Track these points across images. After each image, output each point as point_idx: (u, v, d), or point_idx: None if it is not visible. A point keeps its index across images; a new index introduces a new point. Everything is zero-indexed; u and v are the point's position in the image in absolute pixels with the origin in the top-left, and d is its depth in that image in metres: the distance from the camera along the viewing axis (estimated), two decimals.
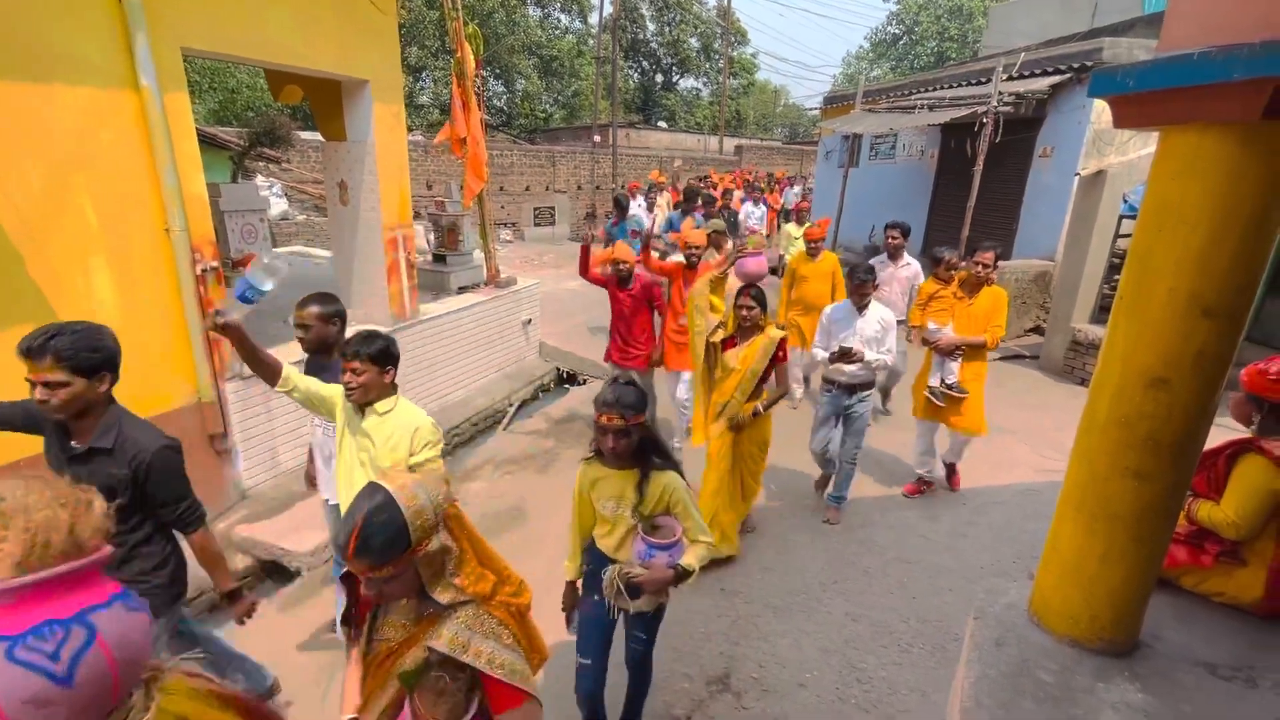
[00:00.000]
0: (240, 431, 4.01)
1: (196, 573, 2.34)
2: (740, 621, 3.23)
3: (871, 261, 4.78)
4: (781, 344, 3.35)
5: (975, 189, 7.47)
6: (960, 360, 4.12)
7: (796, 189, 16.61)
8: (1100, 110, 7.49)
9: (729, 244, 5.49)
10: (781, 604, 3.36)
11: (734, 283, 4.00)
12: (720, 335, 3.52)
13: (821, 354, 3.88)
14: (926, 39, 32.23)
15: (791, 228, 7.82)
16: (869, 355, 3.70)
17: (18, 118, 2.89)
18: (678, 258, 5.10)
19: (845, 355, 3.61)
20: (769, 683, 2.86)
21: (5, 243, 2.90)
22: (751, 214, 10.81)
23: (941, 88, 9.65)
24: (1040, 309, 8.16)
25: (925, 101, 9.08)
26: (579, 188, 18.34)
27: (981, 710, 1.86)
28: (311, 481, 3.15)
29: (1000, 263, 7.96)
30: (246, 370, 4.01)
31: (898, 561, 3.72)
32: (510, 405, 6.13)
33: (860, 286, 3.79)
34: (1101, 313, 6.89)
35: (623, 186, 15.66)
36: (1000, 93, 7.25)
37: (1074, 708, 1.83)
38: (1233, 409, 2.27)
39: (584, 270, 4.61)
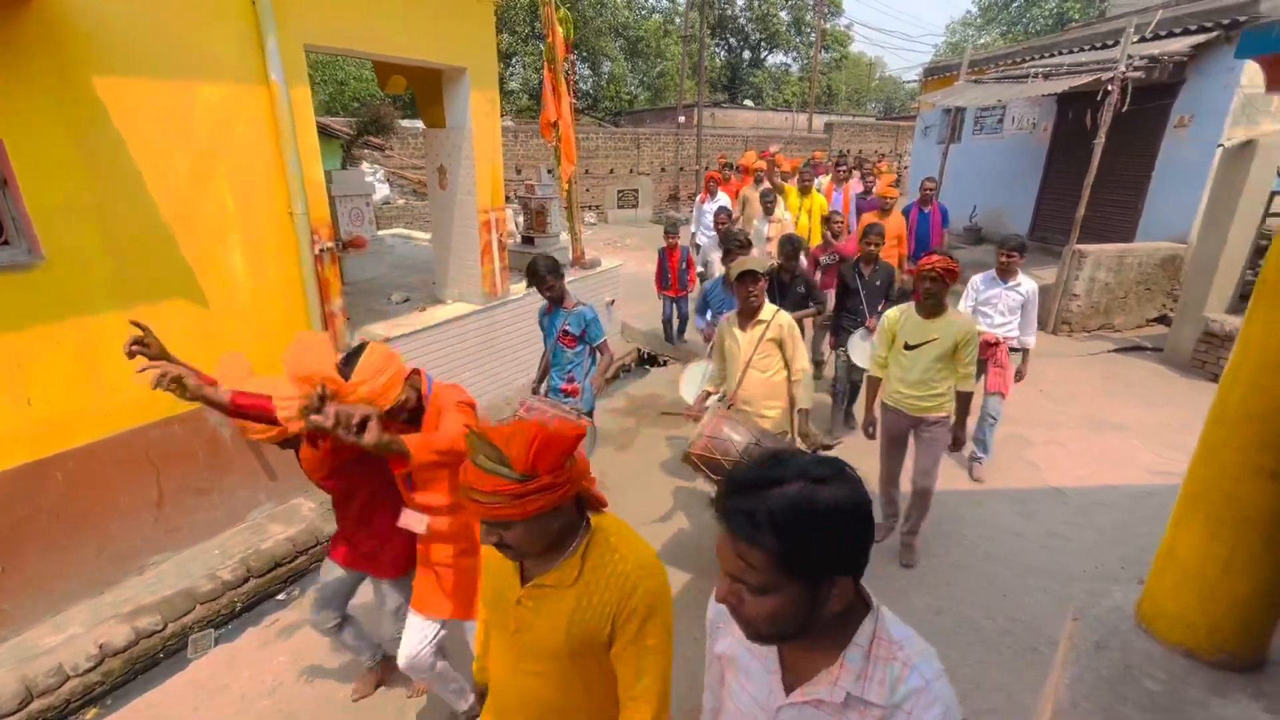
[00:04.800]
0: None
1: None
2: None
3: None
4: None
5: (1095, 164, 6.83)
6: None
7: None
8: (1255, 72, 6.62)
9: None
10: None
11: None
12: None
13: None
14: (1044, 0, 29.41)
15: (893, 320, 3.25)
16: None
17: (169, 113, 3.25)
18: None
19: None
20: None
21: (162, 225, 3.29)
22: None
23: (1060, 53, 8.85)
24: (1167, 296, 7.41)
25: (1040, 70, 8.35)
26: (663, 170, 18.31)
27: (1077, 712, 1.77)
28: None
29: (1120, 245, 7.33)
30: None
31: (988, 558, 3.56)
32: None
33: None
34: (1241, 301, 6.16)
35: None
36: (1131, 56, 6.55)
37: None
38: None
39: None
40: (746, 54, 33.01)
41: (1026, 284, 4.09)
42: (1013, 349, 4.21)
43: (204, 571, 3.48)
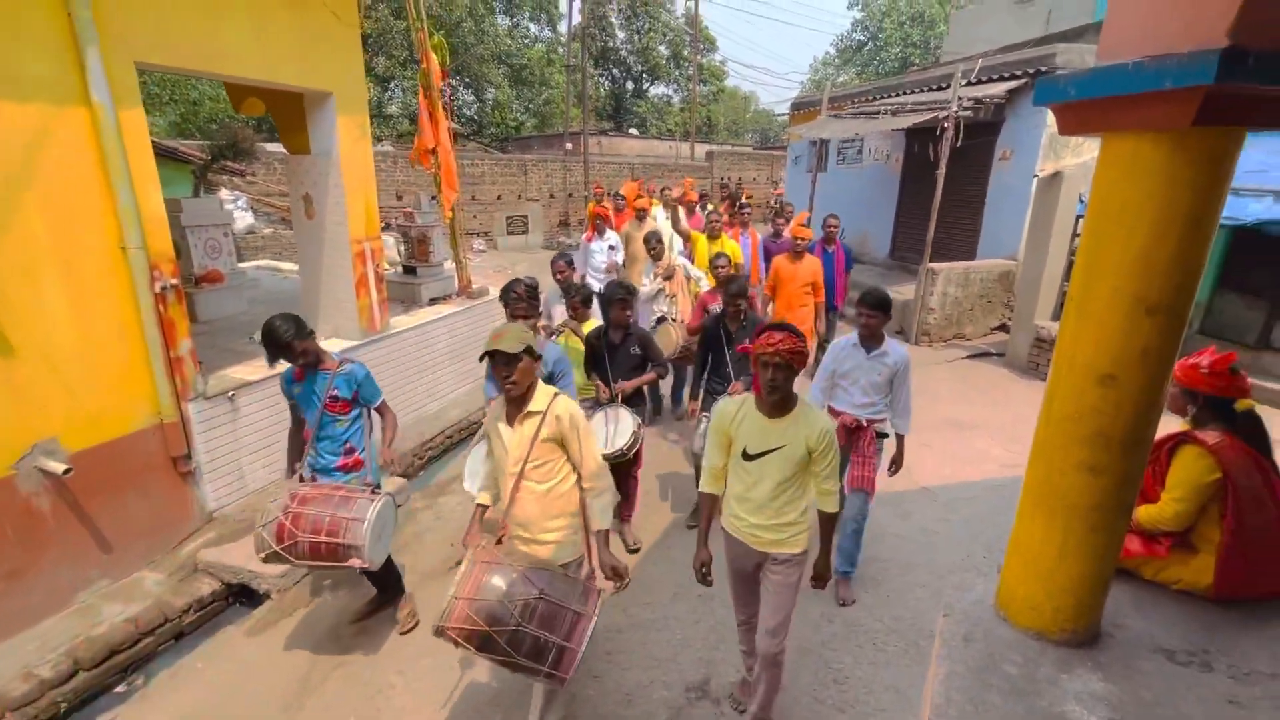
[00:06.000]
0: (205, 452, 3.91)
1: None
2: (718, 627, 3.24)
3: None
4: None
5: (939, 192, 7.64)
6: None
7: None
8: None
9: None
10: None
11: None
12: None
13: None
14: (891, 45, 32.89)
15: (728, 418, 2.34)
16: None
17: None
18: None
19: None
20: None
21: None
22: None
23: (905, 93, 9.87)
24: (1005, 307, 8.37)
25: (889, 107, 9.27)
26: (551, 196, 18.32)
27: (951, 706, 1.90)
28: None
29: (965, 263, 8.22)
30: (211, 389, 3.93)
31: (871, 561, 3.76)
32: (485, 416, 6.08)
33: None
34: (1062, 310, 7.09)
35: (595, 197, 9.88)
36: (960, 98, 7.44)
37: (1039, 699, 1.88)
38: (1169, 402, 2.34)
39: None
40: (630, 85, 34.02)
41: (895, 353, 3.20)
42: (881, 433, 3.33)
43: (16, 671, 2.93)
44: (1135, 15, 1.66)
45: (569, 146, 20.04)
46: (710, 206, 9.32)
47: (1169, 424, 2.13)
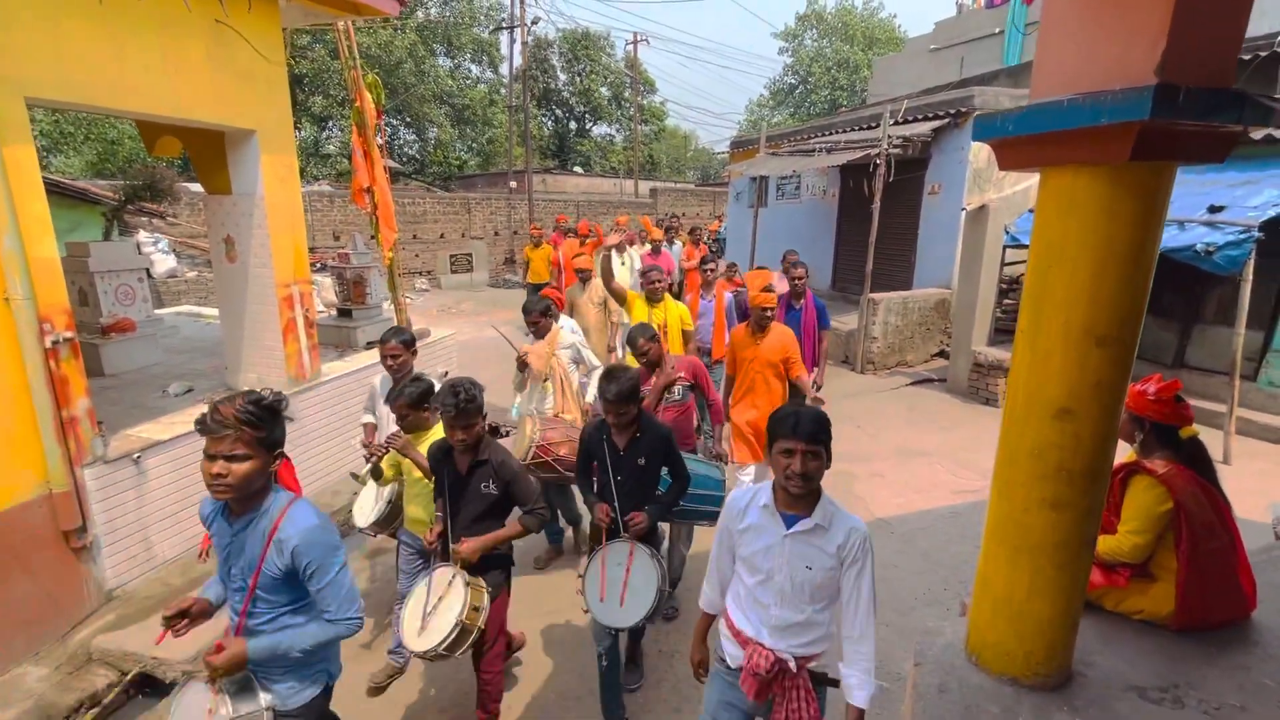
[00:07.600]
0: (104, 523, 3.49)
1: None
2: (681, 684, 3.06)
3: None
4: None
5: (875, 225, 7.91)
6: None
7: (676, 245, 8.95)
8: (977, 150, 8.17)
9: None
10: None
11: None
12: None
13: None
14: (820, 88, 34.69)
15: None
16: None
17: None
18: None
19: None
20: None
21: None
22: None
23: (837, 132, 10.28)
24: (943, 334, 8.65)
25: (823, 145, 9.62)
26: (496, 234, 18.16)
27: None
28: None
29: (903, 292, 8.50)
30: (113, 451, 3.54)
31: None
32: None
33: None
34: (997, 334, 7.36)
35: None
36: (889, 136, 7.77)
37: None
38: (1118, 428, 2.36)
39: None
40: (573, 124, 34.54)
41: (844, 526, 1.80)
42: (822, 680, 1.94)
43: None
44: (1066, 53, 1.68)
45: (513, 185, 20.02)
46: (676, 242, 9.16)
47: (1119, 453, 2.12)
